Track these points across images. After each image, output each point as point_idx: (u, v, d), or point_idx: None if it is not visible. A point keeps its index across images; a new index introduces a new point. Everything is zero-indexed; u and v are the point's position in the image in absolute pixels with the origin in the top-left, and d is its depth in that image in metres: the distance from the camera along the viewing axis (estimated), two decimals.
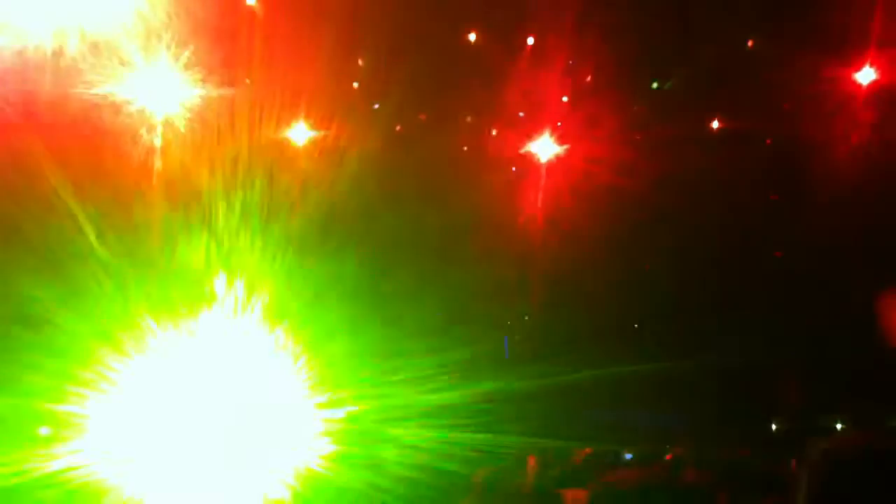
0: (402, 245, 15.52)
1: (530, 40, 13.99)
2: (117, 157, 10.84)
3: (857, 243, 14.39)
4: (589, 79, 14.18)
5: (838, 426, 14.20)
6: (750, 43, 13.79)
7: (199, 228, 10.53)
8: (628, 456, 11.32)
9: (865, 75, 13.47)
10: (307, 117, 13.43)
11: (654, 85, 14.11)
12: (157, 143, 11.19)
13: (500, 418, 11.22)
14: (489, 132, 15.40)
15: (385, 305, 16.46)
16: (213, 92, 11.11)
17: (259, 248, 10.89)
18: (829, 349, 14.85)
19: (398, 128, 15.43)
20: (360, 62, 13.77)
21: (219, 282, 7.62)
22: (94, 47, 9.97)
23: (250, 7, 11.62)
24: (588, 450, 9.80)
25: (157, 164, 11.24)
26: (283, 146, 13.24)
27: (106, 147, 10.71)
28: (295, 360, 7.61)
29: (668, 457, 8.07)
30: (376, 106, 14.54)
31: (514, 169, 15.51)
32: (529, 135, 14.81)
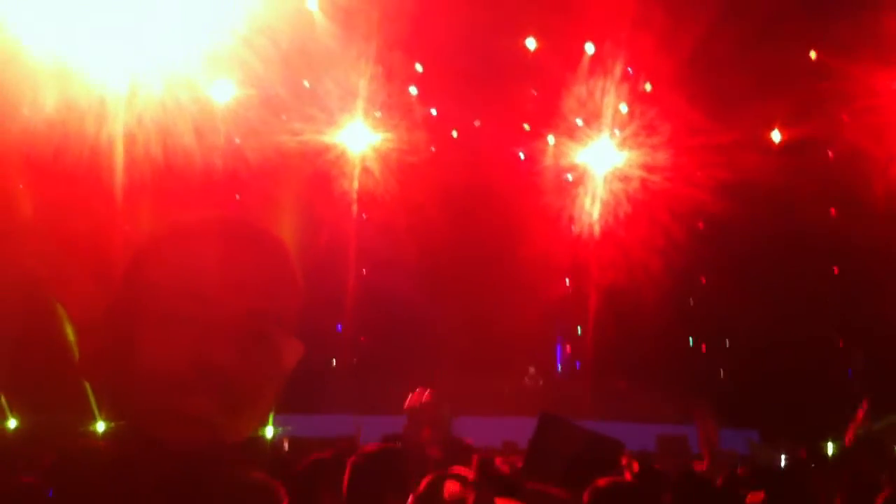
0: (455, 249, 15.61)
1: (588, 48, 13.93)
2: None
3: None
4: (647, 87, 14.09)
5: None
6: (812, 53, 13.60)
7: None
8: None
9: None
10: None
11: None
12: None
13: None
14: (546, 140, 15.35)
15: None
16: None
17: None
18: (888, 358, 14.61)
19: (455, 133, 15.50)
20: (417, 67, 13.84)
21: None
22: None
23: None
24: None
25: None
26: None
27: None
28: None
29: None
30: (434, 111, 14.60)
31: (569, 177, 15.47)
32: (586, 143, 14.76)
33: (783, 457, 11.97)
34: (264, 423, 1.36)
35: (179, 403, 1.13)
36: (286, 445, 10.31)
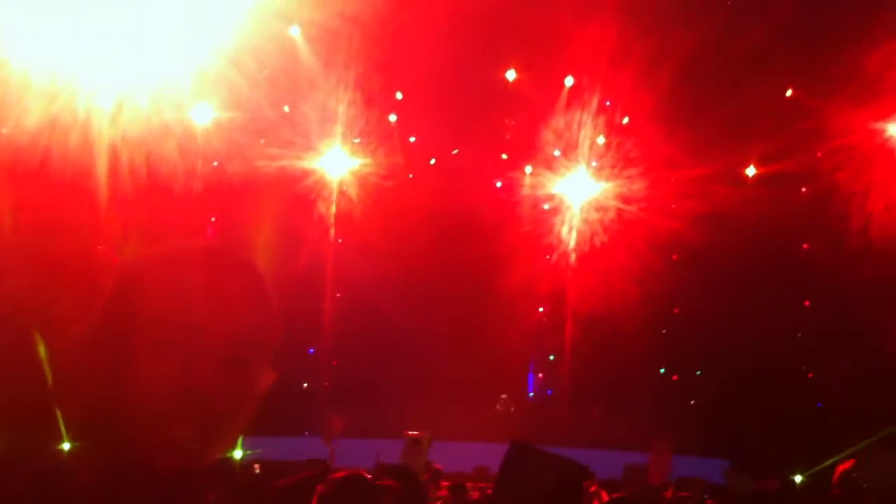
0: (429, 276, 15.60)
1: (567, 80, 14.09)
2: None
3: (889, 290, 14.24)
4: (625, 120, 14.25)
5: None
6: (788, 91, 13.82)
7: None
8: None
9: None
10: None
11: None
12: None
13: None
14: (523, 170, 15.45)
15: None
16: None
17: None
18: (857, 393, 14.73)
19: (433, 161, 15.57)
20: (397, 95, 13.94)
21: None
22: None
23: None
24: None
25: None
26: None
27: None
28: None
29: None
30: (412, 139, 14.69)
31: (546, 206, 15.55)
32: (564, 173, 14.87)
33: (752, 487, 12.04)
34: (233, 447, 1.39)
35: (160, 430, 1.16)
36: (257, 469, 10.22)
